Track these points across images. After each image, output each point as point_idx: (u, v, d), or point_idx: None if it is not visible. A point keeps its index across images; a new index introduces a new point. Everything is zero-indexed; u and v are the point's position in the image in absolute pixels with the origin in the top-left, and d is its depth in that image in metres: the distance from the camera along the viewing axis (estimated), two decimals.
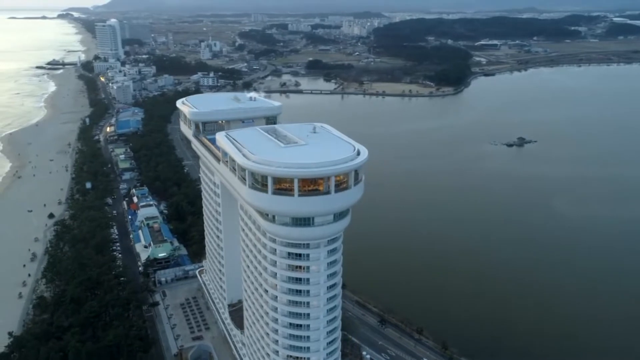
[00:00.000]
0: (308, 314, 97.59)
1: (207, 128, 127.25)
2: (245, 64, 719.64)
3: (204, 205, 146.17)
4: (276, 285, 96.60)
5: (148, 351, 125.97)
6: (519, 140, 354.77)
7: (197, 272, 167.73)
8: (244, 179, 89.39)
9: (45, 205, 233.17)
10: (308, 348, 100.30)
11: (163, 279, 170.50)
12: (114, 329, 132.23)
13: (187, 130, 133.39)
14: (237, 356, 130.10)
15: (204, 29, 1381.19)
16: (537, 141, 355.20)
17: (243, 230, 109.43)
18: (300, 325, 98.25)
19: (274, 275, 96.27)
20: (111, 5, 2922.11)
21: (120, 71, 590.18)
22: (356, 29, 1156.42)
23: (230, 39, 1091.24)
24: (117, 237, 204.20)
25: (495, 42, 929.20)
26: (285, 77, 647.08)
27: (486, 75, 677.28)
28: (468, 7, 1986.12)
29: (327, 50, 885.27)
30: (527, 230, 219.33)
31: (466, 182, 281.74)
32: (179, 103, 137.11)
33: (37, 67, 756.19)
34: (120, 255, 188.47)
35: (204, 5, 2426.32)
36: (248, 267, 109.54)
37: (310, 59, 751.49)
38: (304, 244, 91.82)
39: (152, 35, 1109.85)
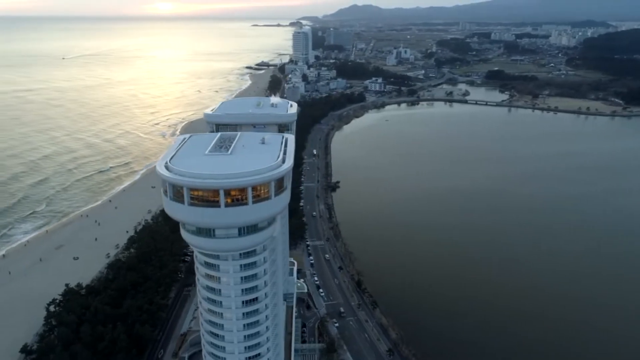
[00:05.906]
0: (222, 325, 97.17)
1: (220, 130, 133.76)
2: (423, 72, 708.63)
3: None
4: (199, 290, 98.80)
5: (144, 324, 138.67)
6: None
7: None
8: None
9: None
10: (224, 358, 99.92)
11: None
12: (136, 300, 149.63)
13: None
14: None
15: (408, 37, 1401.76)
16: None
17: None
18: (217, 335, 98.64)
19: (198, 280, 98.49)
20: (338, 14, 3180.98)
21: (303, 73, 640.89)
22: (564, 38, 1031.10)
23: (427, 46, 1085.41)
24: None
25: None
26: (460, 86, 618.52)
27: None
28: None
29: (519, 61, 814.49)
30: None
31: (593, 217, 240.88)
32: (210, 108, 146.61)
33: (247, 67, 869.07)
34: None
35: (419, 15, 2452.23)
36: None
37: (496, 68, 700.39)
38: (213, 254, 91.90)
39: (354, 41, 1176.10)
